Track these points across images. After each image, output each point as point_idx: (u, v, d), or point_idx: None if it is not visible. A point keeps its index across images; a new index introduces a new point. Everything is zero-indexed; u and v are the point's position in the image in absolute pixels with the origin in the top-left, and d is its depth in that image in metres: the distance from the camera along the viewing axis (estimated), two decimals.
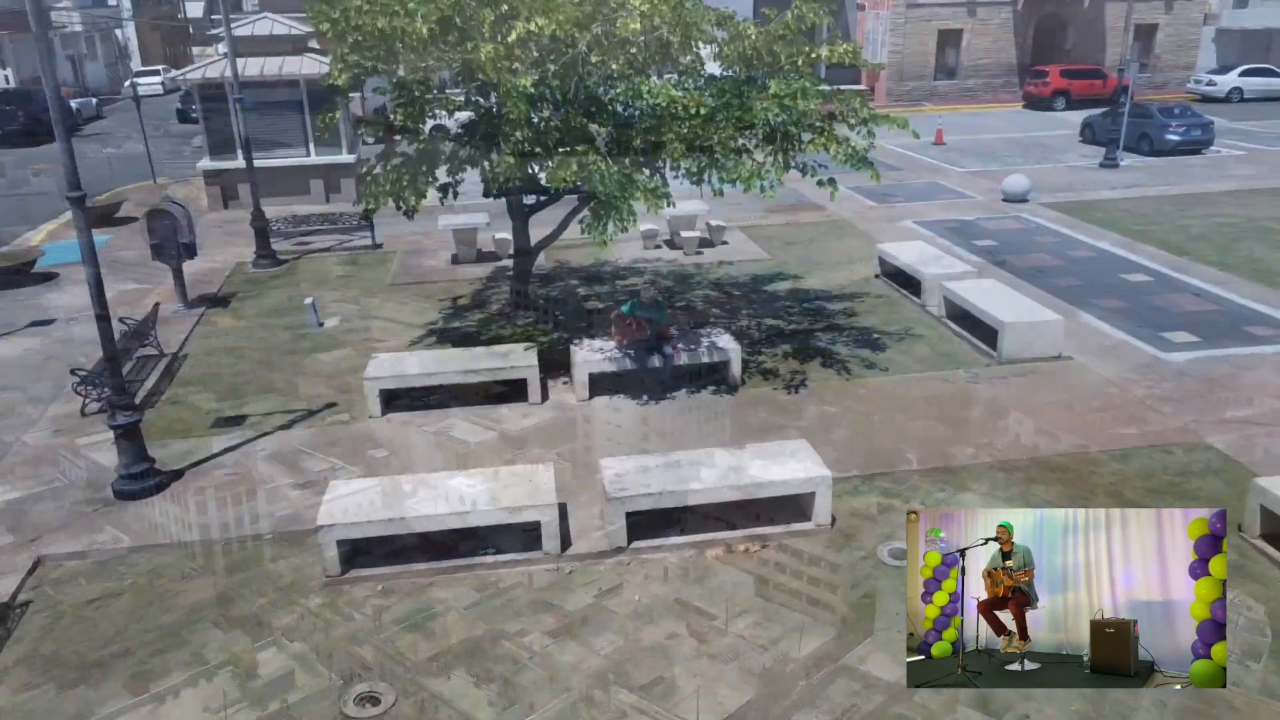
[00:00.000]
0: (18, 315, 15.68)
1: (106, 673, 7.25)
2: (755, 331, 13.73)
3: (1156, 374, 12.02)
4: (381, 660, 7.27)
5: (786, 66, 11.11)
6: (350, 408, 11.72)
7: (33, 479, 10.23)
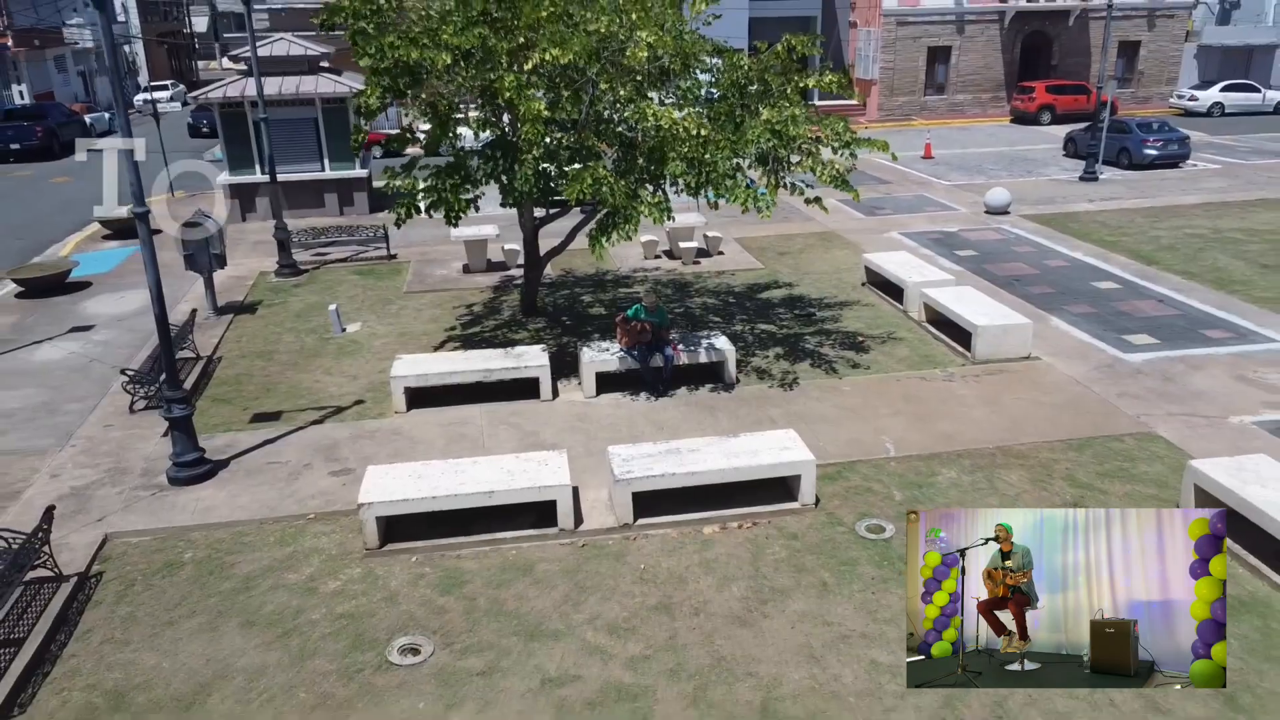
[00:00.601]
0: (58, 322, 16.71)
1: (178, 630, 8.28)
2: (749, 336, 14.80)
3: (1116, 373, 13.10)
4: (420, 617, 8.30)
5: (777, 94, 12.20)
6: (377, 404, 12.76)
7: (91, 468, 11.26)
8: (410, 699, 7.36)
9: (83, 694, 7.54)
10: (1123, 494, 9.96)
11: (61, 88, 47.06)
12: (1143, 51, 42.23)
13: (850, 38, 43.06)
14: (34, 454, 11.65)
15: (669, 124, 11.07)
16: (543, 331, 15.19)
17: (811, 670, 7.49)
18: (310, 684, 7.56)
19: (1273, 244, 19.55)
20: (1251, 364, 13.24)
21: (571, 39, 11.17)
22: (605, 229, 11.62)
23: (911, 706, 7.08)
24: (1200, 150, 31.22)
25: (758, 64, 12.43)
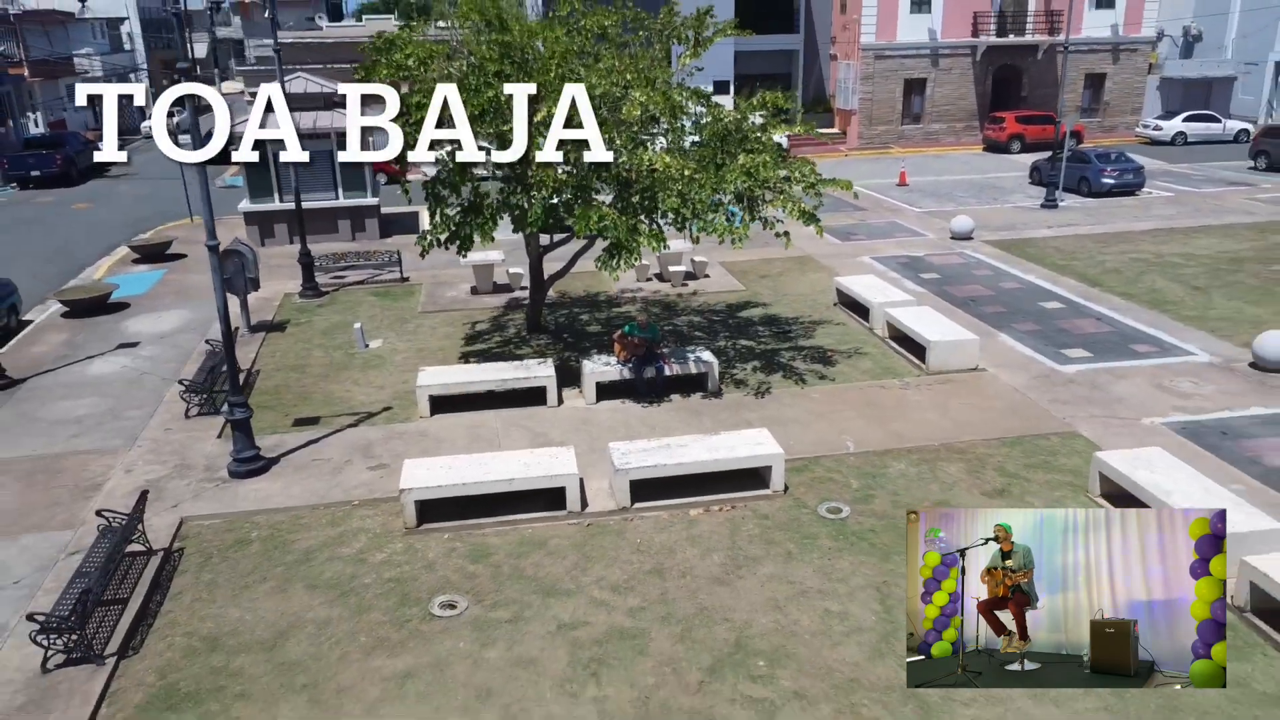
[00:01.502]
0: (106, 339, 18.42)
1: (253, 592, 10.00)
2: (730, 350, 16.62)
3: (1051, 382, 14.98)
4: (454, 581, 10.05)
5: (752, 141, 14.08)
6: (403, 410, 14.52)
7: (159, 464, 12.97)
8: (452, 641, 9.10)
9: (183, 639, 9.26)
10: (1043, 481, 11.80)
11: (73, 115, 48.78)
12: (1108, 83, 44.50)
13: (831, 70, 45.24)
14: (108, 453, 13.36)
15: (662, 166, 12.92)
16: (547, 347, 16.98)
17: (776, 617, 9.27)
18: (368, 631, 9.30)
19: (1207, 267, 21.53)
20: (1168, 374, 15.14)
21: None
22: (612, 257, 13.44)
23: (854, 643, 8.86)
24: (1157, 178, 33.36)
25: (737, 114, 14.32)
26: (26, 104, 45.84)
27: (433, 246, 14.75)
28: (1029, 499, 11.41)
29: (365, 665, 8.80)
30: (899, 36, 41.89)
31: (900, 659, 8.58)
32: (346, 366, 16.63)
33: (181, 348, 17.75)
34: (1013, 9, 42.33)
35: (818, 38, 45.44)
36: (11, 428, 14.36)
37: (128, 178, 41.02)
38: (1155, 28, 46.45)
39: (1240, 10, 46.70)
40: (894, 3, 41.39)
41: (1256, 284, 20.11)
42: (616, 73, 13.44)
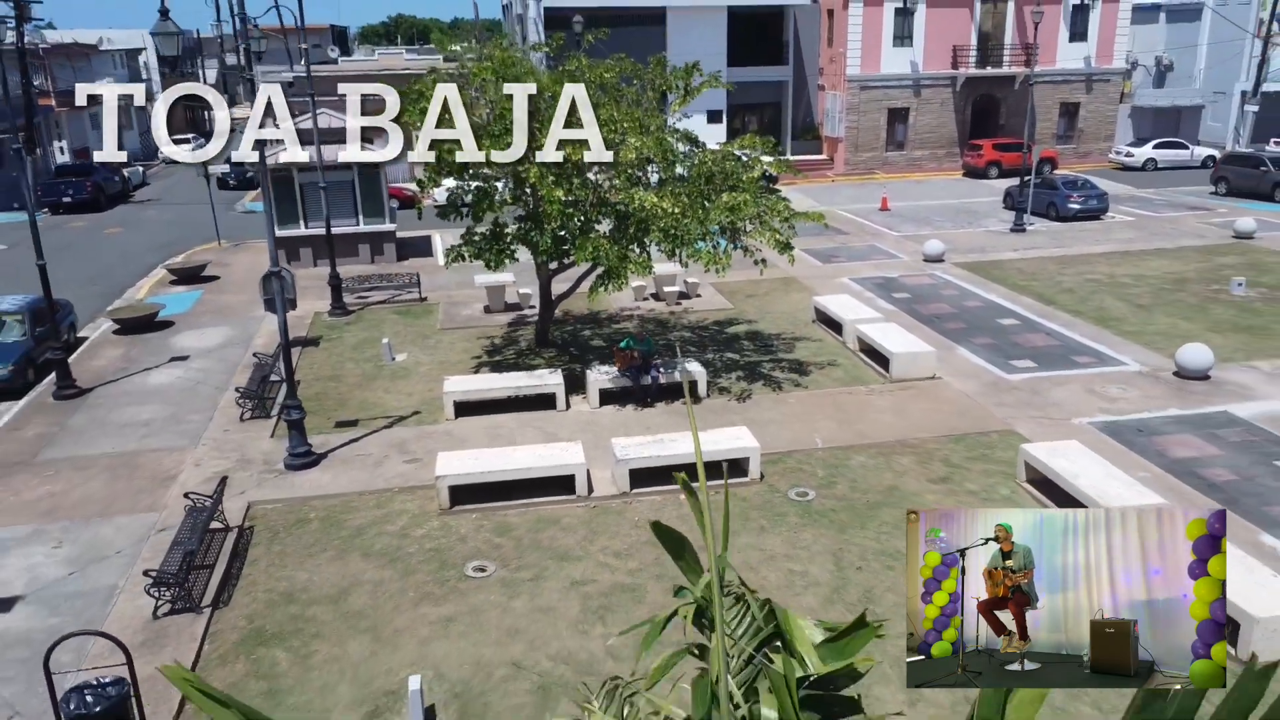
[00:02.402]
0: (158, 354, 20.49)
1: (317, 559, 12.05)
2: (717, 362, 18.73)
3: (997, 389, 17.09)
4: (483, 550, 12.11)
5: (735, 180, 16.24)
6: (430, 414, 16.59)
7: (223, 459, 15.04)
8: (484, 594, 11.15)
9: (264, 595, 11.31)
10: (980, 471, 13.89)
11: (95, 143, 50.99)
12: (1082, 112, 46.87)
13: (819, 100, 47.60)
14: (177, 450, 15.43)
15: (651, 205, 15.08)
16: (555, 358, 19.07)
17: (749, 575, 11.30)
18: (415, 588, 11.35)
19: (1153, 287, 23.69)
20: (1101, 381, 17.25)
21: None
22: (602, 281, 15.58)
23: (811, 594, 10.92)
24: (1122, 203, 35.60)
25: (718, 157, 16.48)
26: (54, 133, 48.09)
27: (459, 260, 16.91)
28: (967, 485, 13.50)
29: (415, 613, 10.85)
30: (882, 68, 44.24)
31: (847, 605, 10.64)
32: (377, 377, 18.71)
33: (227, 360, 19.83)
34: (990, 42, 44.72)
35: (806, 69, 47.81)
36: (88, 430, 16.42)
37: (153, 203, 43.30)
38: (1126, 59, 48.89)
39: (1209, 43, 49.18)
40: (877, 36, 43.78)
41: (1194, 302, 22.27)
42: (615, 121, 15.60)
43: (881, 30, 43.71)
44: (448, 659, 10.03)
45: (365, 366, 19.33)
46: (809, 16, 46.47)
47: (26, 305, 19.95)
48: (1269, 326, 20.20)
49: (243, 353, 20.12)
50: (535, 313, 20.85)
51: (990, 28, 44.51)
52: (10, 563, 12.15)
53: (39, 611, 11.13)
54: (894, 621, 9.86)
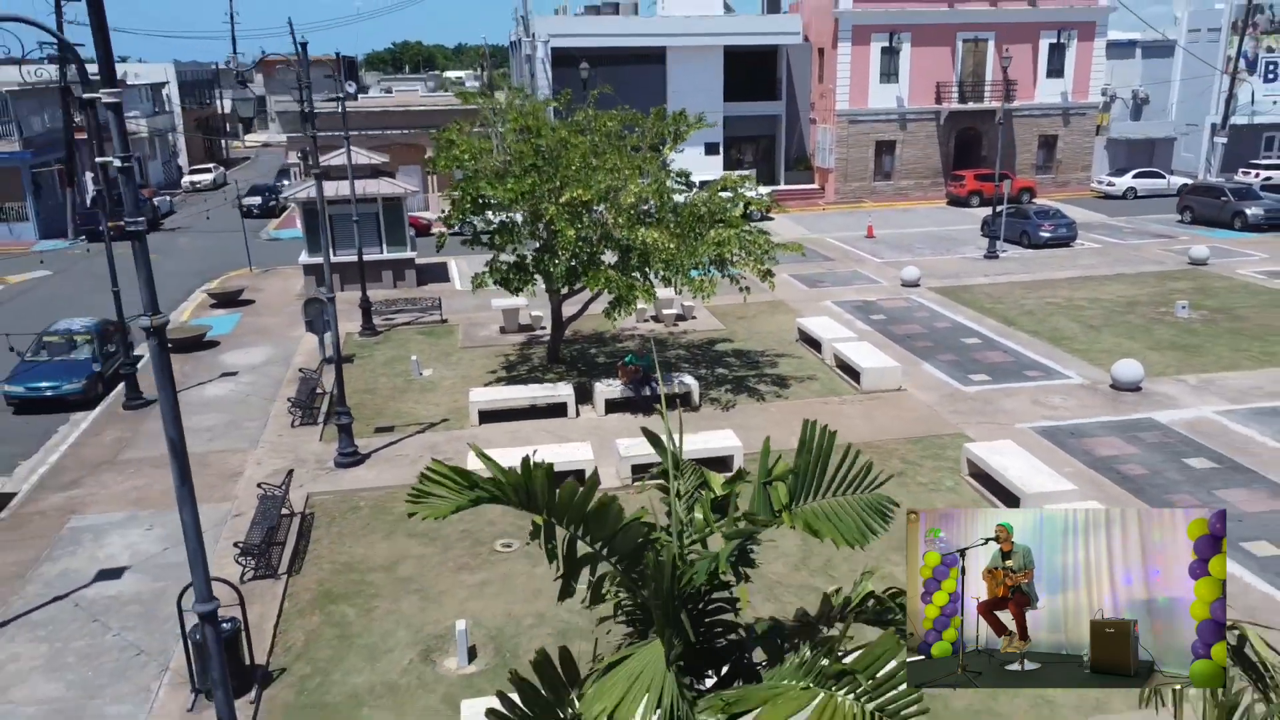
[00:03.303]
0: (210, 370, 22.90)
1: (371, 538, 14.40)
2: (709, 376, 21.13)
3: (954, 399, 19.46)
4: (509, 530, 14.45)
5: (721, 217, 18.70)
6: (457, 421, 18.97)
7: (280, 459, 17.40)
8: (511, 564, 13.49)
9: (329, 565, 13.65)
10: (931, 467, 16.24)
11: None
12: (1060, 143, 49.46)
13: (811, 132, 50.25)
14: (239, 451, 17.82)
15: (652, 240, 17.55)
16: (565, 373, 21.46)
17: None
18: (454, 560, 13.69)
19: (1107, 310, 26.10)
20: (1045, 392, 19.63)
21: (590, 185, 17.69)
22: (615, 306, 18.03)
23: (780, 562, 13.25)
24: (1093, 231, 38.10)
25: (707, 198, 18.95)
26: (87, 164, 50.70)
27: (484, 285, 19.39)
28: (919, 478, 15.84)
29: (455, 578, 13.20)
30: (870, 103, 46.87)
31: (810, 570, 12.98)
32: (407, 390, 21.11)
33: (273, 376, 22.24)
34: (972, 79, 47.38)
35: (798, 104, 50.45)
36: (159, 435, 18.70)
37: (182, 230, 45.84)
38: (1105, 93, 51.53)
39: (1181, 79, 51.90)
40: (865, 74, 46.45)
41: (1141, 323, 24.67)
42: (618, 168, 18.10)
43: (869, 68, 46.37)
44: (484, 612, 12.37)
45: (396, 381, 21.73)
46: (801, 55, 49.17)
47: (94, 327, 22.43)
48: (1202, 345, 22.59)
49: (284, 369, 22.53)
50: (547, 333, 23.26)
51: (972, 66, 47.18)
52: (114, 541, 14.52)
53: (144, 578, 13.49)
54: (838, 563, 12.23)
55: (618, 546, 4.84)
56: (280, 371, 22.50)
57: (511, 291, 19.50)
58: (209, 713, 10.62)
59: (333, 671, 11.31)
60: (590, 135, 19.30)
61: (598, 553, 4.94)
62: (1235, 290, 28.06)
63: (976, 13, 46.50)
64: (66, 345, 21.93)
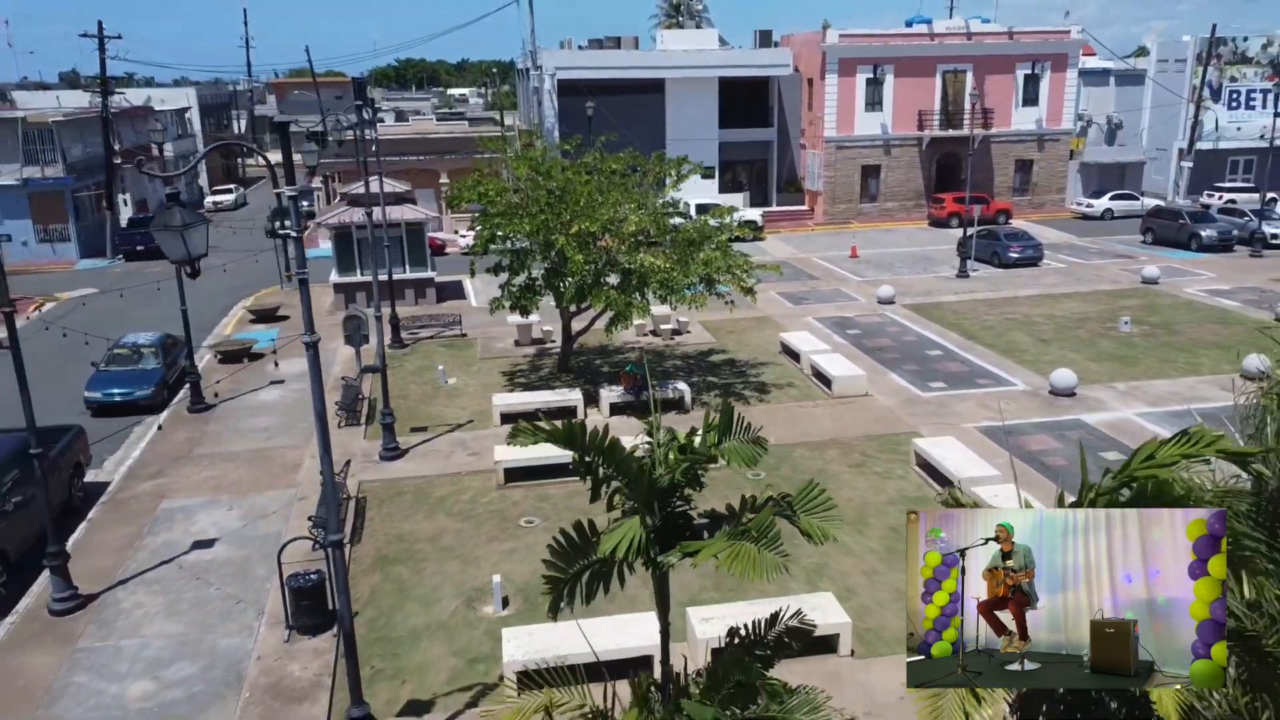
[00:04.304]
0: (260, 378, 25.84)
1: (415, 517, 17.32)
2: (700, 383, 24.07)
3: (913, 403, 22.39)
4: (531, 510, 17.37)
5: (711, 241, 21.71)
6: (481, 423, 21.90)
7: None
8: (534, 536, 16.40)
9: (382, 536, 16.58)
10: (887, 459, 19.16)
11: (151, 195, 56.86)
12: (1035, 167, 52.57)
13: (801, 157, 53.36)
14: (296, 447, 20.75)
15: (650, 264, 20.55)
16: (573, 380, 24.40)
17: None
18: (485, 533, 16.61)
19: (1060, 325, 29.05)
20: (993, 398, 22.57)
21: (595, 218, 20.69)
22: (613, 322, 21.02)
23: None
24: (1060, 251, 41.09)
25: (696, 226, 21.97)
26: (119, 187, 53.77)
27: (500, 308, 22.38)
28: (875, 468, 18.75)
29: (488, 547, 16.12)
30: (856, 130, 49.99)
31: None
32: (435, 396, 24.05)
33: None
34: (952, 107, 50.48)
35: (789, 130, 53.53)
36: (224, 434, 21.75)
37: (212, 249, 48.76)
38: (1081, 118, 54.59)
39: (1151, 106, 55.02)
40: (851, 103, 49.57)
41: (1087, 337, 27.63)
42: (620, 203, 21.13)
43: (855, 97, 49.51)
44: (513, 571, 15.29)
45: (425, 388, 24.69)
46: (791, 85, 52.31)
47: (158, 340, 25.42)
48: (1138, 357, 25.55)
49: (325, 377, 25.44)
50: (557, 345, 26.21)
51: (952, 95, 50.29)
52: (202, 519, 17.45)
53: (232, 547, 16.42)
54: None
55: (621, 469, 7.65)
56: (323, 379, 25.38)
57: (523, 314, 22.47)
58: (300, 644, 13.57)
59: (395, 615, 14.22)
60: (597, 176, 22.34)
61: (610, 474, 7.74)
62: (1179, 307, 31.03)
63: (955, 46, 49.70)
64: (134, 356, 24.88)
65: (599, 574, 7.31)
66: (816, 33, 50.94)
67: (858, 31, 49.97)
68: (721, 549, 6.75)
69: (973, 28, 51.41)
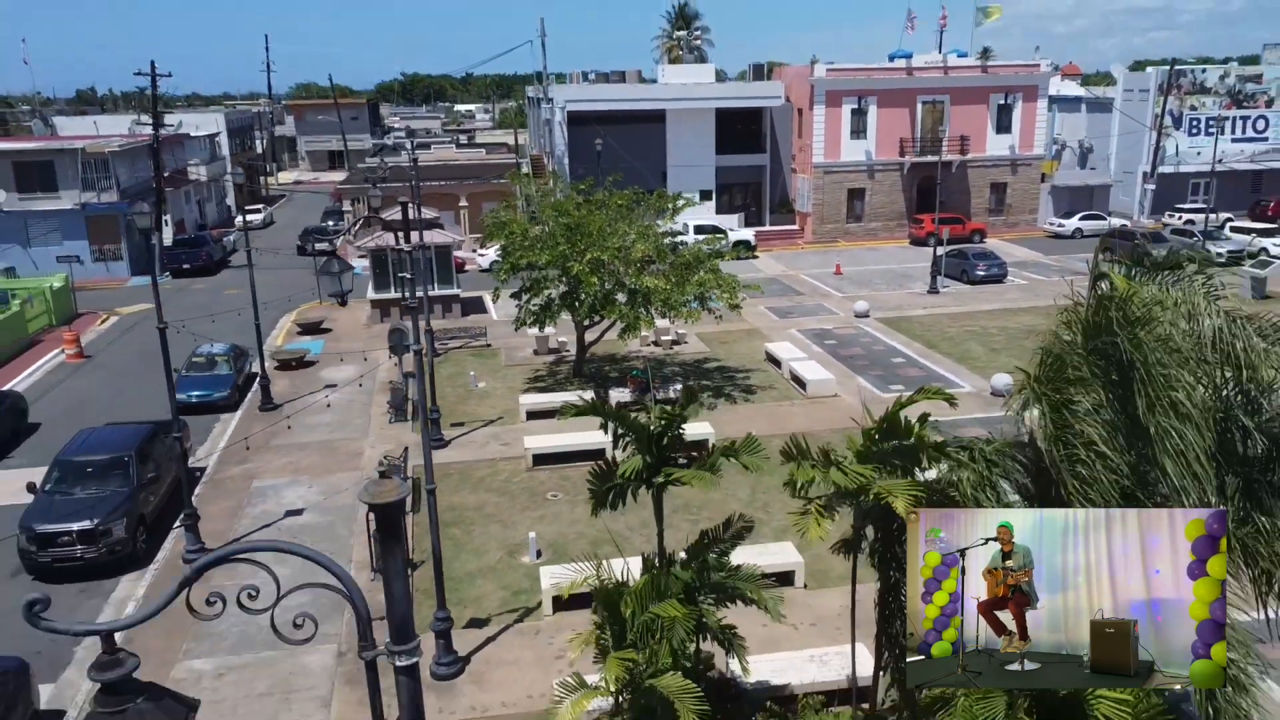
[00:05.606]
0: (315, 383, 29.92)
1: (461, 492, 21.38)
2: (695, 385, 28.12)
3: (874, 402, 26.41)
4: (555, 486, 21.42)
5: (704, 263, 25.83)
6: (510, 420, 25.96)
7: (386, 444, 24.38)
8: (559, 508, 20.44)
9: (451, 509, 20.66)
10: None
11: (188, 215, 61.11)
12: (1009, 190, 56.71)
13: (792, 181, 57.55)
14: (355, 439, 24.84)
15: (653, 286, 24.68)
16: (587, 383, 28.47)
17: (704, 497, 20.58)
18: (518, 504, 20.67)
19: (1011, 336, 33.09)
20: None
21: (607, 246, 24.82)
22: (625, 332, 25.16)
23: (734, 503, 20.19)
24: (1027, 269, 45.14)
25: (693, 251, 26.10)
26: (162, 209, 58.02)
27: (522, 325, 26.55)
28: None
29: (523, 514, 20.18)
30: (842, 156, 54.16)
31: (754, 510, 19.92)
32: (468, 397, 28.13)
33: (365, 388, 29.28)
34: (931, 135, 54.64)
35: (781, 155, 57.75)
36: (294, 429, 25.84)
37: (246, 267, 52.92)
38: (1055, 142, 58.73)
39: (1119, 133, 59.17)
40: (838, 131, 53.76)
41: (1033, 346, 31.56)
42: (625, 233, 25.28)
43: (841, 126, 53.71)
44: (544, 532, 19.34)
45: (459, 391, 28.77)
46: (783, 114, 56.53)
47: (229, 349, 29.56)
48: None
49: (371, 382, 29.57)
50: (572, 354, 30.29)
51: (930, 124, 54.47)
52: (289, 494, 21.53)
53: (318, 515, 20.49)
54: (775, 512, 19.16)
55: (627, 425, 11.67)
56: (370, 384, 29.54)
57: (540, 329, 26.62)
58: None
59: (453, 562, 18.27)
60: (605, 210, 26.48)
61: (625, 433, 11.78)
62: None
63: (933, 79, 53.93)
64: (209, 364, 28.99)
65: (620, 491, 11.29)
66: (806, 67, 55.24)
67: (843, 66, 54.24)
68: (689, 475, 10.78)
69: (949, 62, 55.64)
